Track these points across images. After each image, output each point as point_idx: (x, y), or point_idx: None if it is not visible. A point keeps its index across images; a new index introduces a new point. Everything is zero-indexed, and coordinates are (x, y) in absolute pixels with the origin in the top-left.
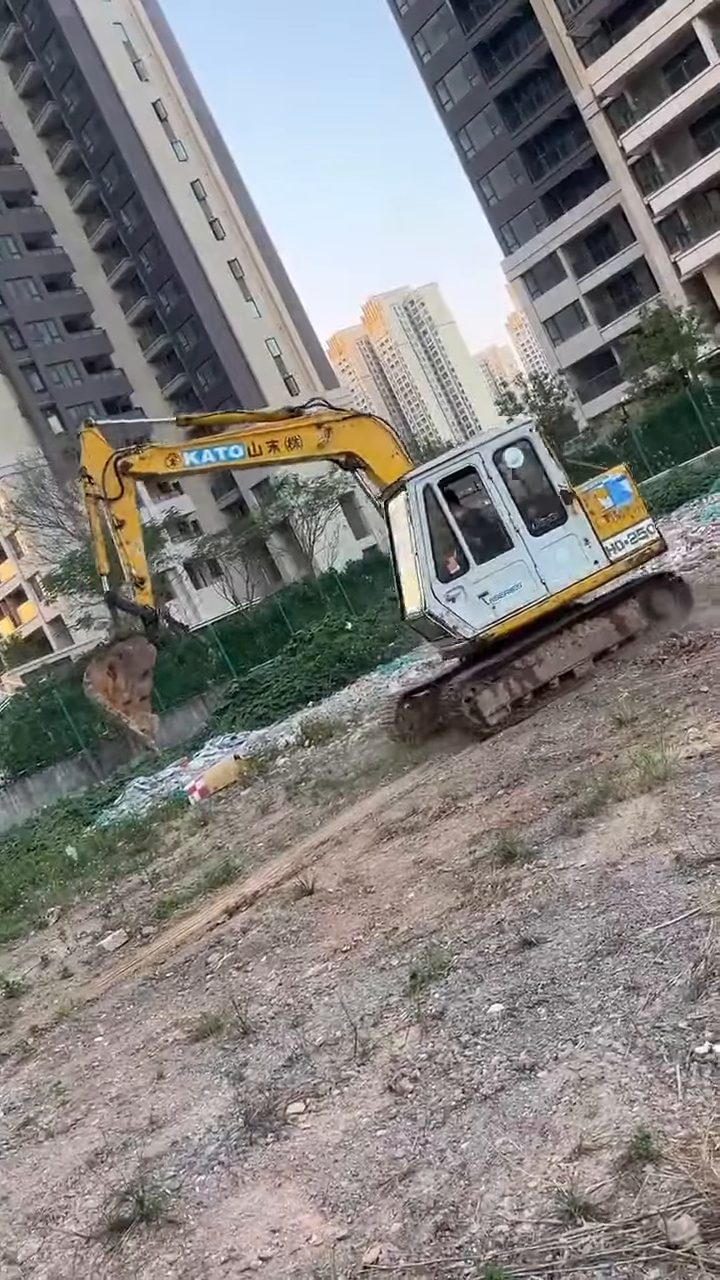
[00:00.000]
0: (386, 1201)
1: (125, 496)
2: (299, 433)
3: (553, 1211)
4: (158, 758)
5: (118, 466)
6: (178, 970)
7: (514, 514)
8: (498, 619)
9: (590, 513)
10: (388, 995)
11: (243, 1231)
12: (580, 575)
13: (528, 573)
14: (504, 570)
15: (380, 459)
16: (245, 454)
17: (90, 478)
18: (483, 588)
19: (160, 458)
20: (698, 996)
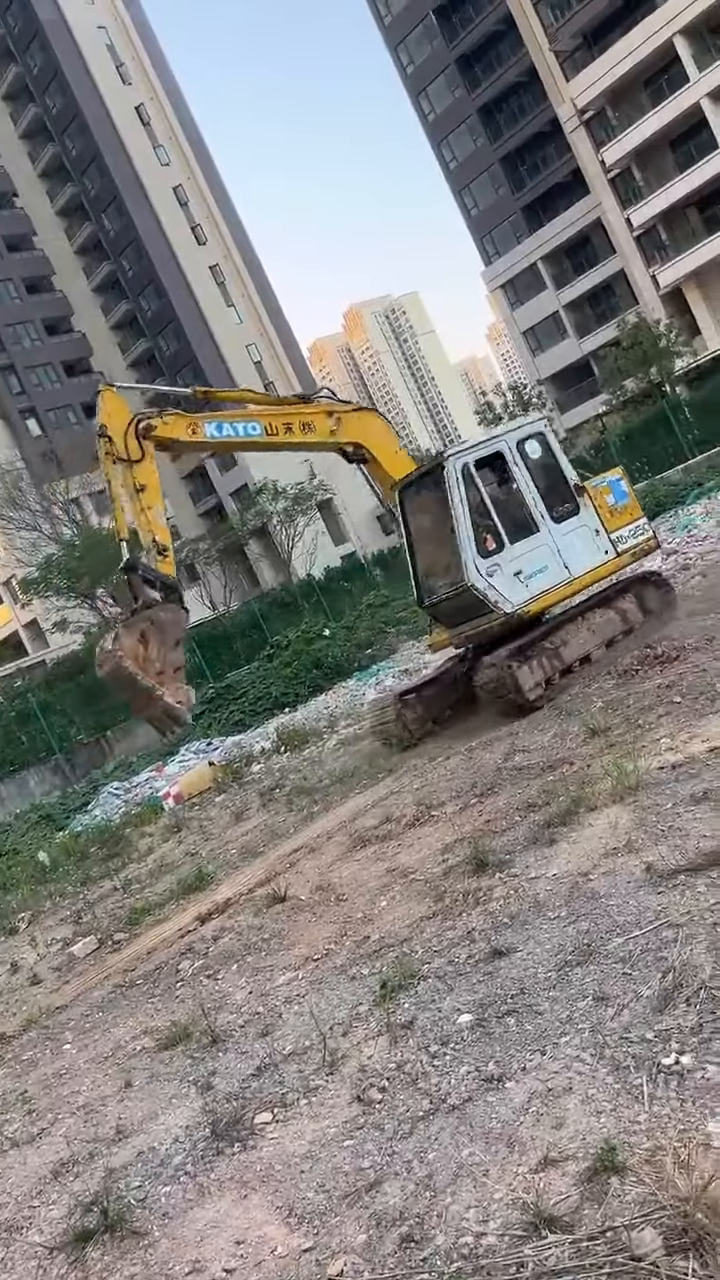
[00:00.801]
0: (352, 1213)
1: (146, 460)
2: (312, 418)
3: (518, 1223)
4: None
5: (139, 429)
6: (148, 977)
7: (538, 501)
8: (531, 597)
9: (598, 507)
10: (358, 1004)
11: (207, 1243)
12: (595, 563)
13: (553, 556)
14: (533, 552)
15: (386, 453)
16: (262, 433)
17: (110, 438)
18: (517, 566)
19: (182, 425)
20: (665, 1008)
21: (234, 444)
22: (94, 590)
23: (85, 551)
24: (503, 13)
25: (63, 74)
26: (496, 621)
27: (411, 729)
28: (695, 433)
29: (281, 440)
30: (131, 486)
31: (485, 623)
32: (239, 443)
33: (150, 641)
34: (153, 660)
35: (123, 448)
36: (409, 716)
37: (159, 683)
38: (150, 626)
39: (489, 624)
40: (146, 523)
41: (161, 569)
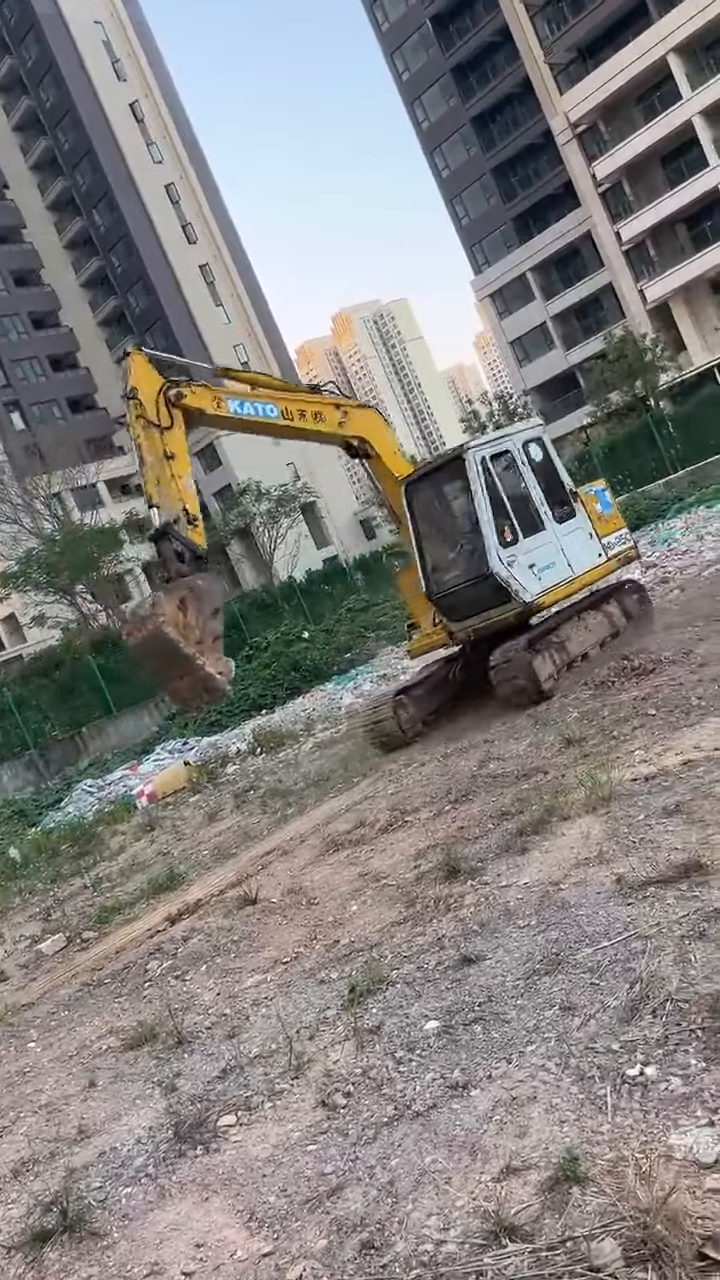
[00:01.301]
0: (313, 1218)
1: (175, 428)
2: (323, 408)
3: (478, 1231)
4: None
5: (168, 396)
6: (116, 977)
7: (543, 500)
8: (545, 589)
9: (589, 513)
10: (325, 1008)
11: (167, 1245)
12: (591, 564)
13: (558, 553)
14: (542, 548)
15: (388, 450)
16: (279, 416)
17: (140, 401)
18: (531, 559)
19: (208, 396)
20: (632, 1019)
21: (252, 423)
22: (73, 586)
23: (66, 547)
24: (499, 24)
25: (57, 68)
26: (513, 611)
27: (405, 728)
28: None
29: (295, 425)
30: (160, 452)
31: (501, 613)
32: (257, 422)
33: (189, 609)
34: (193, 628)
35: (153, 413)
36: (403, 715)
37: (199, 651)
38: (189, 594)
39: (505, 613)
40: (176, 491)
41: (192, 538)
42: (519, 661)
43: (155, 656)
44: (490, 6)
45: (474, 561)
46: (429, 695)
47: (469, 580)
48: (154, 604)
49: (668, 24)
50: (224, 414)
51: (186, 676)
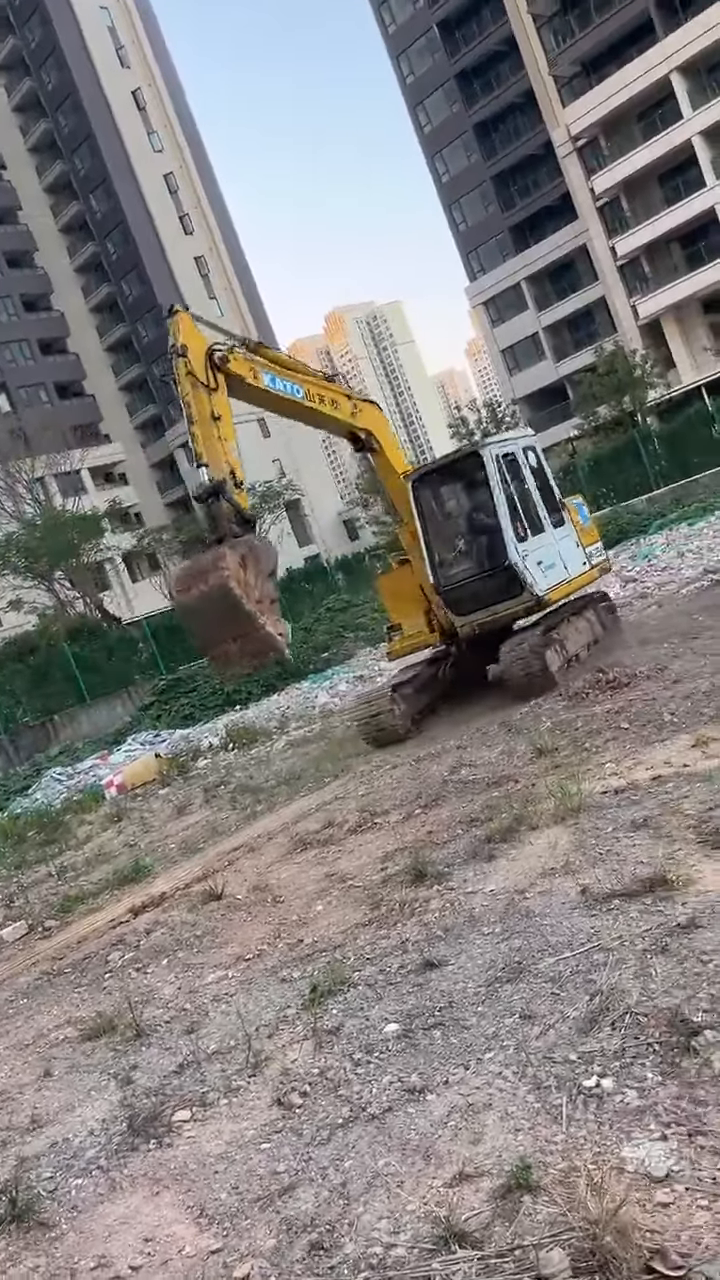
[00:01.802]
0: (264, 1216)
1: (220, 391)
2: (339, 397)
3: (428, 1236)
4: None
5: (213, 359)
6: (76, 966)
7: (540, 504)
8: (551, 586)
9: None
10: (286, 1007)
11: (115, 1238)
12: (580, 570)
13: (557, 555)
14: (545, 547)
15: (392, 446)
16: (304, 396)
17: (189, 359)
18: (538, 556)
19: (246, 366)
20: (590, 1030)
21: (279, 399)
22: (52, 572)
23: (46, 532)
24: (505, 33)
25: (61, 50)
26: (523, 605)
27: (400, 723)
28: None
29: (315, 409)
30: (208, 413)
31: (511, 606)
32: (283, 399)
33: (249, 568)
34: (253, 587)
35: (201, 372)
36: (398, 710)
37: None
38: (249, 552)
39: (515, 607)
40: (223, 453)
41: (239, 501)
42: (532, 651)
43: (213, 614)
44: (497, 15)
45: (492, 553)
46: (418, 694)
47: (485, 571)
48: (217, 558)
49: (672, 43)
50: (259, 385)
51: (241, 638)
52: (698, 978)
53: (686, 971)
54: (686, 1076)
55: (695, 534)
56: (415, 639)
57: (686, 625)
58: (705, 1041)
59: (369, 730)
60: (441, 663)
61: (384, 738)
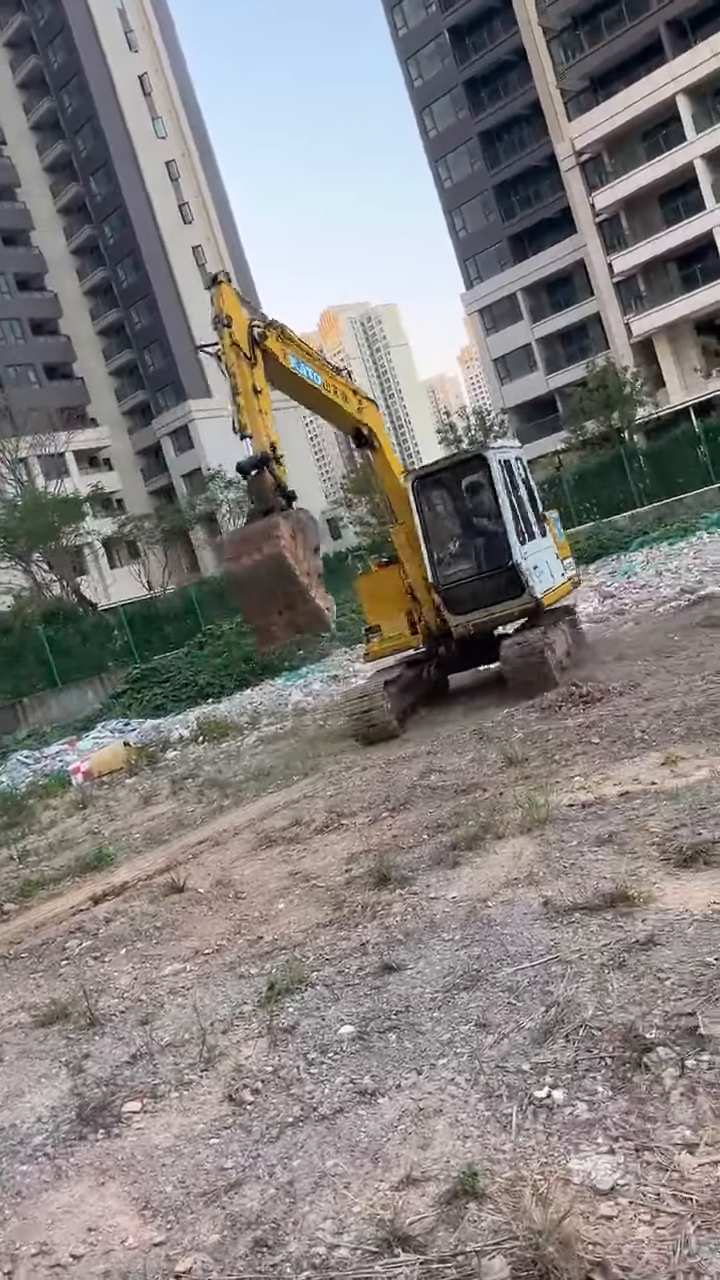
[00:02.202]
0: (209, 1211)
1: (259, 365)
2: (347, 391)
3: (372, 1238)
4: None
5: (253, 334)
6: (33, 952)
7: (530, 511)
8: (546, 589)
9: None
10: (242, 1003)
11: (58, 1226)
12: (560, 580)
13: (545, 562)
14: (538, 553)
15: (388, 446)
16: (322, 384)
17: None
18: (534, 561)
19: (280, 345)
20: (544, 1041)
21: (301, 384)
22: (30, 554)
23: (27, 513)
24: (515, 43)
25: (69, 29)
26: (520, 605)
27: (390, 721)
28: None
29: (329, 398)
30: (250, 385)
31: (508, 607)
32: (305, 385)
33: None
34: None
35: (245, 345)
36: (389, 708)
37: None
38: (298, 525)
39: (513, 607)
40: (264, 426)
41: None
42: (535, 647)
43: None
44: (509, 25)
45: (493, 553)
46: (402, 694)
47: (487, 571)
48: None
49: (680, 65)
50: (286, 367)
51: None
52: (653, 995)
53: (643, 988)
54: (637, 1092)
55: (675, 553)
56: (394, 641)
57: (662, 643)
58: (657, 1058)
59: (361, 725)
60: (422, 665)
61: (375, 734)
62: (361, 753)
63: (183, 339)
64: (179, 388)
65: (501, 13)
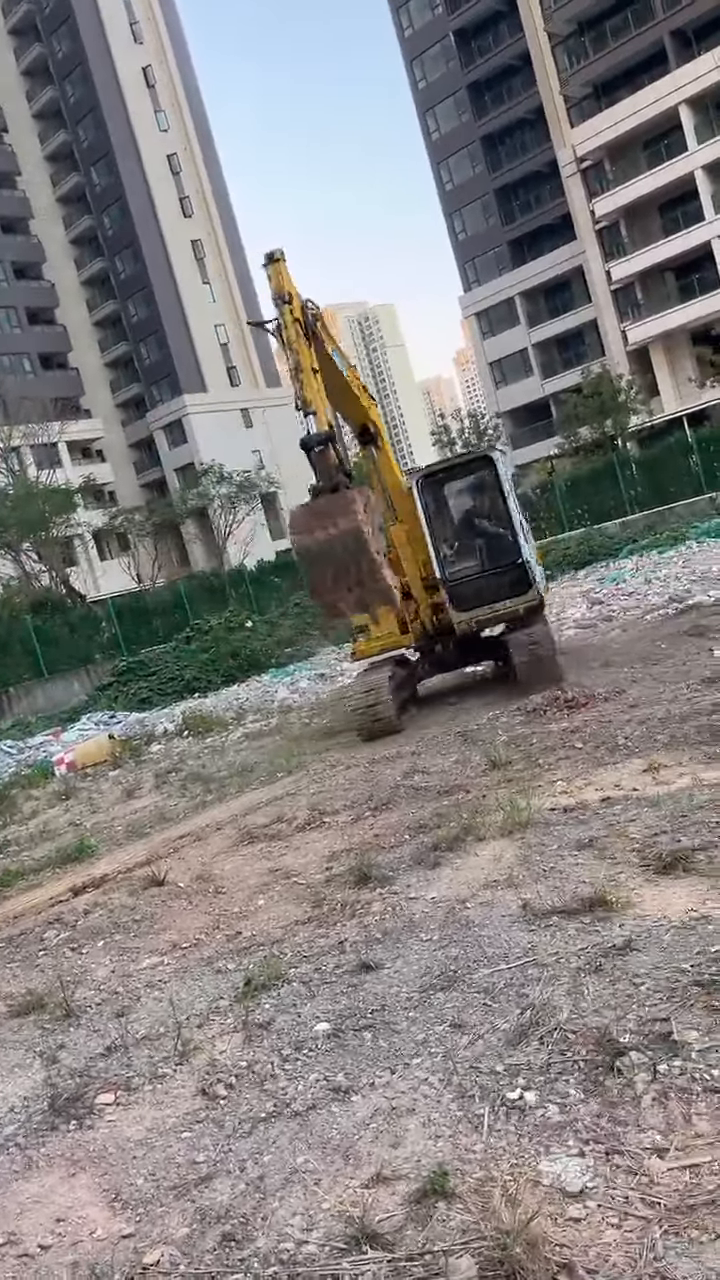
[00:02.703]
0: (178, 1205)
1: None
2: (361, 387)
3: (340, 1235)
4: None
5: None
6: (11, 942)
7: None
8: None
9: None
10: (219, 998)
11: (27, 1217)
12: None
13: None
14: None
15: (387, 446)
16: (345, 371)
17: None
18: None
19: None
20: (518, 1043)
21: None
22: (20, 543)
23: (17, 502)
24: (521, 48)
25: (74, 18)
26: (524, 602)
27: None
28: (638, 490)
29: (348, 390)
30: (310, 364)
31: (517, 602)
32: (332, 372)
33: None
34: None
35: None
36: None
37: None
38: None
39: (518, 604)
40: (323, 406)
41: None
42: (543, 638)
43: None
44: (514, 29)
45: (500, 551)
46: (398, 690)
47: (495, 568)
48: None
49: (684, 74)
50: (326, 351)
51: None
52: (628, 999)
53: (618, 993)
54: (609, 1096)
55: (665, 562)
56: (384, 640)
57: (648, 651)
58: (630, 1063)
59: (365, 719)
60: (415, 663)
61: (379, 728)
62: (346, 751)
63: (179, 332)
64: (174, 381)
65: (507, 17)
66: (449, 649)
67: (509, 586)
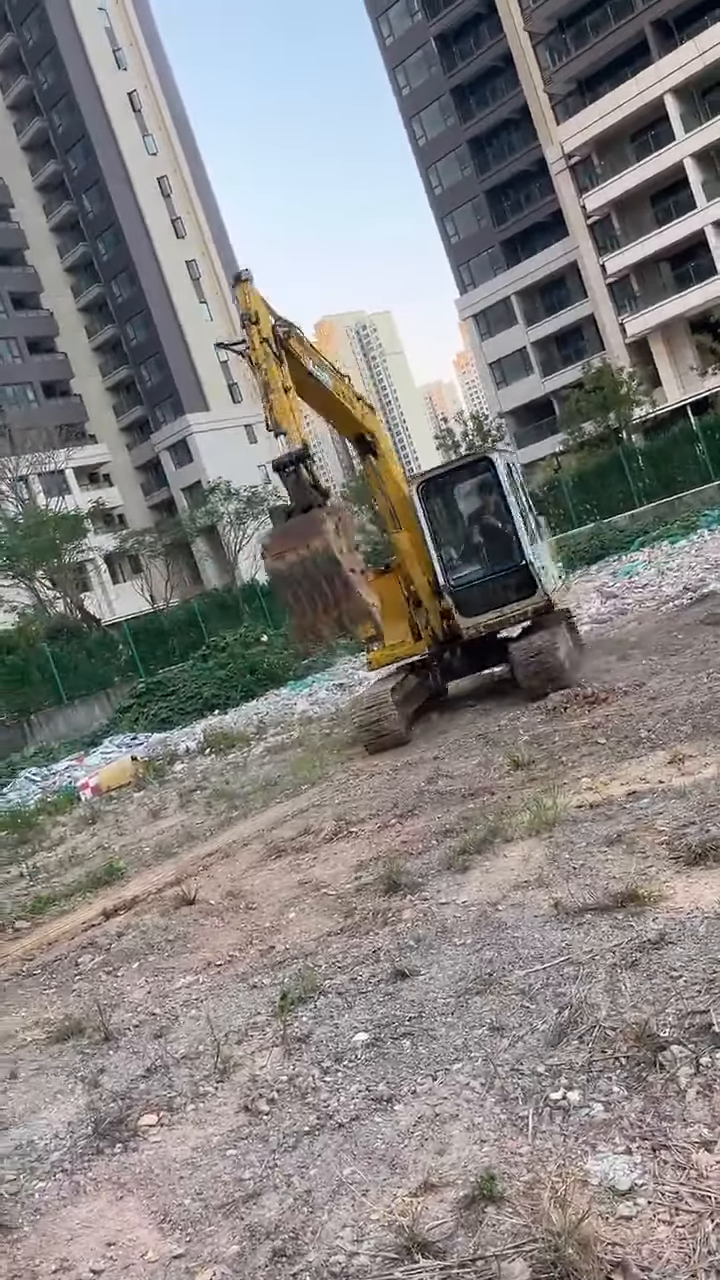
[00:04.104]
0: (227, 1223)
1: (284, 364)
2: (353, 397)
3: (391, 1245)
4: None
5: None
6: (46, 968)
7: (529, 515)
8: (553, 589)
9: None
10: (256, 1013)
11: (77, 1242)
12: (557, 584)
13: (549, 562)
14: (543, 555)
15: (390, 451)
16: (332, 387)
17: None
18: (541, 561)
19: (300, 346)
20: (558, 1043)
21: (313, 388)
22: (33, 571)
23: (28, 531)
24: (502, 49)
25: (58, 50)
26: (532, 605)
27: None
28: (646, 481)
29: (338, 403)
30: (281, 383)
31: (524, 605)
32: (313, 388)
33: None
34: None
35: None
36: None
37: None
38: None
39: (525, 606)
40: (297, 423)
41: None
42: (544, 646)
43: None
44: (494, 31)
45: (504, 554)
46: (408, 700)
47: (499, 571)
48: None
49: (667, 65)
50: (305, 368)
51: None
52: (666, 993)
53: (655, 987)
54: (652, 1091)
55: (676, 552)
56: (397, 649)
57: (665, 642)
58: (671, 1057)
59: (369, 734)
60: (428, 670)
61: (384, 742)
62: (368, 760)
63: (179, 353)
64: (176, 402)
65: (487, 18)
66: (460, 655)
67: (514, 589)
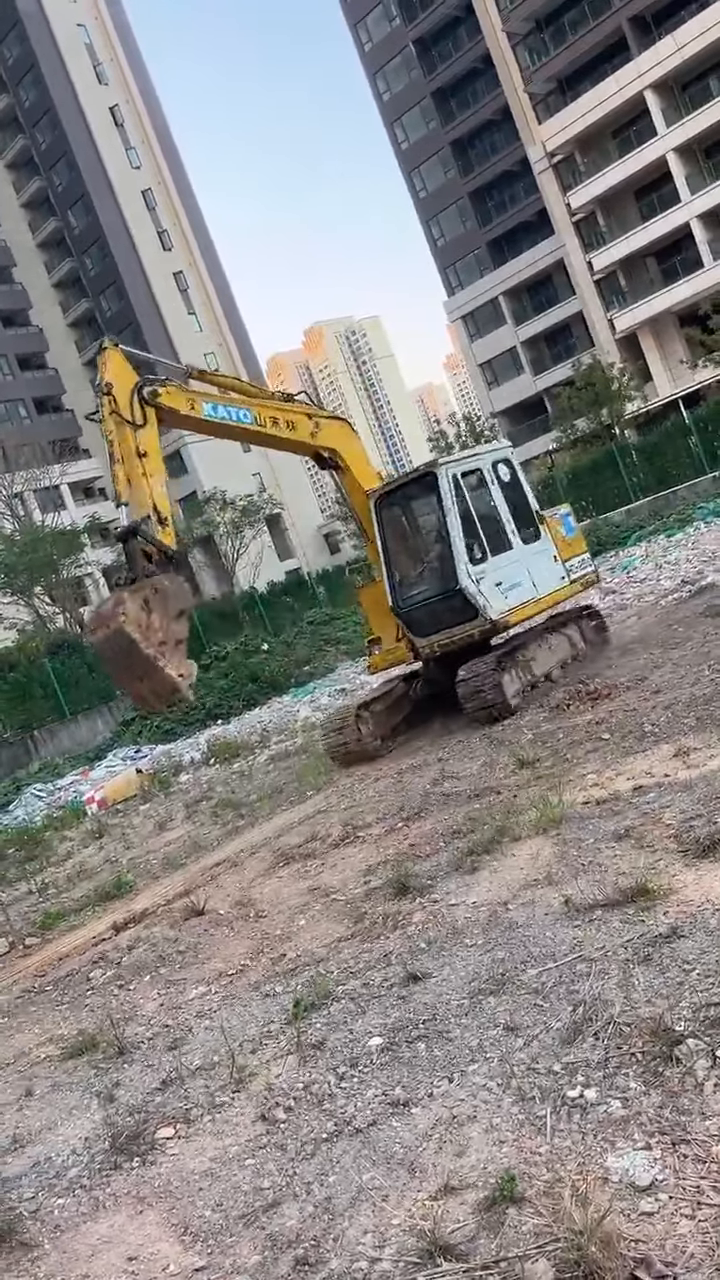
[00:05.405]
0: (248, 1233)
1: (148, 427)
2: (295, 418)
3: (413, 1250)
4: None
5: (143, 395)
6: (58, 984)
7: (510, 520)
8: (510, 608)
9: (554, 536)
10: (269, 1022)
11: (99, 1258)
12: (555, 586)
13: (525, 573)
14: (510, 566)
15: (359, 462)
16: (252, 421)
17: (114, 396)
18: (498, 577)
19: (183, 398)
20: (574, 1040)
21: (224, 427)
22: (31, 587)
23: (25, 548)
24: (481, 51)
25: (38, 67)
26: (478, 628)
27: (365, 743)
28: (640, 476)
29: (267, 432)
30: (133, 450)
31: (466, 629)
32: (229, 426)
33: (154, 610)
34: (155, 629)
35: (127, 409)
36: (364, 730)
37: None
38: (154, 594)
39: (470, 630)
40: (147, 489)
41: (162, 539)
42: (486, 678)
43: (116, 656)
44: (473, 33)
45: (443, 576)
46: (389, 711)
47: (437, 595)
48: (116, 602)
49: (646, 60)
50: (198, 415)
51: (146, 679)
52: (680, 987)
53: (669, 981)
54: (669, 1086)
55: (673, 545)
56: (394, 654)
57: (665, 636)
58: (688, 1050)
59: (335, 749)
60: (415, 679)
61: (351, 757)
62: (373, 764)
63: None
64: None
65: (465, 21)
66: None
67: (455, 613)
